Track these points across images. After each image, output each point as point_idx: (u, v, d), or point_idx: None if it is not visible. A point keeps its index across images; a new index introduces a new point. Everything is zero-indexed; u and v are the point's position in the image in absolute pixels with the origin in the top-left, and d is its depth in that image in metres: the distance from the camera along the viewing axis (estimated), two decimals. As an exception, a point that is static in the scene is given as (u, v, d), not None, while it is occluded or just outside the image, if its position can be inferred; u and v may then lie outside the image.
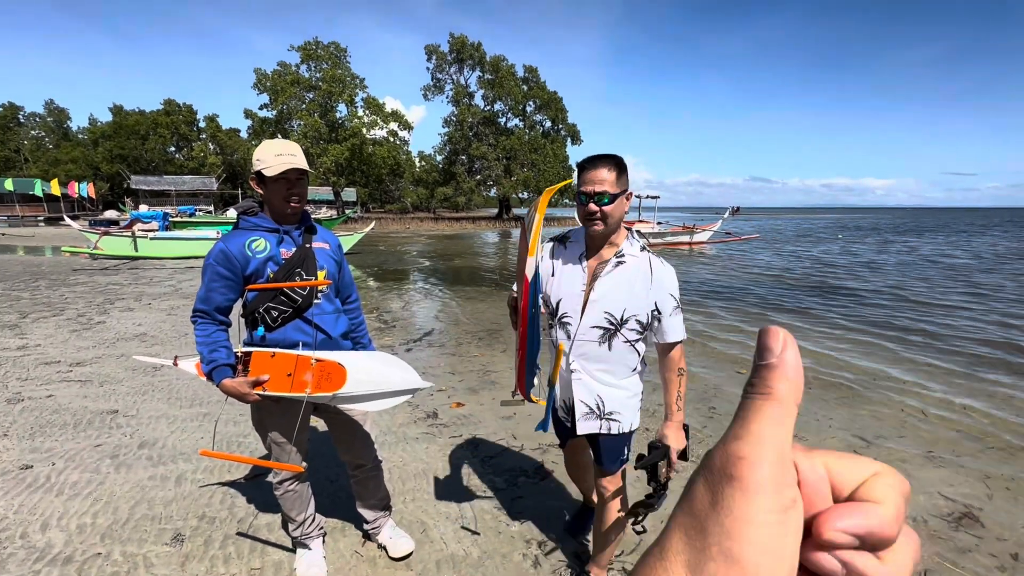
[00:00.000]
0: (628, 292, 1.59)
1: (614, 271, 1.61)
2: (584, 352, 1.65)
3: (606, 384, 1.67)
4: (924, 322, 7.08)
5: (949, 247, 20.90)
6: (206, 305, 1.72)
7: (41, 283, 9.71)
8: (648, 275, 1.60)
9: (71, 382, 4.18)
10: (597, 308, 1.60)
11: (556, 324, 1.69)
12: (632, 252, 1.63)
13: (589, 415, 1.68)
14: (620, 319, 1.60)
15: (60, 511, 2.39)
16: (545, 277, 1.71)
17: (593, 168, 1.53)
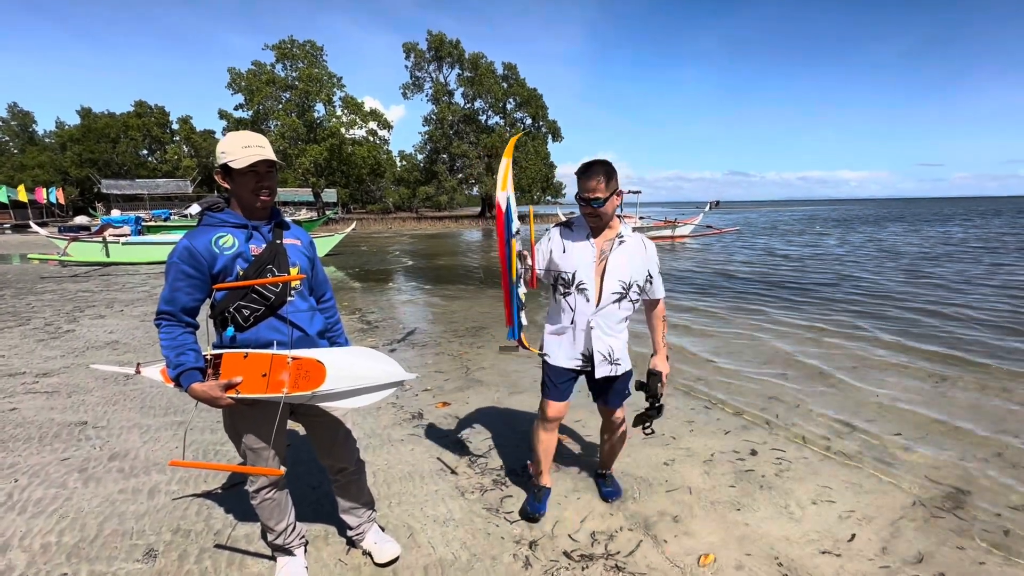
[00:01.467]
0: (632, 264, 2.10)
1: (620, 248, 2.10)
2: (605, 312, 2.10)
3: (613, 336, 2.15)
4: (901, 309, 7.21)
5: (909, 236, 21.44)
6: (171, 306, 1.61)
7: (6, 292, 9.33)
8: (643, 249, 2.14)
9: (37, 394, 3.99)
10: (613, 278, 2.07)
11: (574, 291, 2.10)
12: (628, 234, 2.14)
13: (604, 362, 2.14)
14: (628, 284, 2.10)
15: (23, 530, 2.26)
16: (556, 254, 2.13)
17: (587, 179, 1.98)
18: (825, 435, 3.31)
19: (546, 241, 2.17)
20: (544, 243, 2.17)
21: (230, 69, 37.38)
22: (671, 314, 7.17)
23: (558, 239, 2.14)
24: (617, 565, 2.04)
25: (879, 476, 2.78)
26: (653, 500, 2.52)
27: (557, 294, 2.18)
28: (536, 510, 2.34)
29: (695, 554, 2.11)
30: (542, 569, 2.02)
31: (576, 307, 2.11)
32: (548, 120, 45.38)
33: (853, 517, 2.38)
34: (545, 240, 2.18)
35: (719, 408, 3.77)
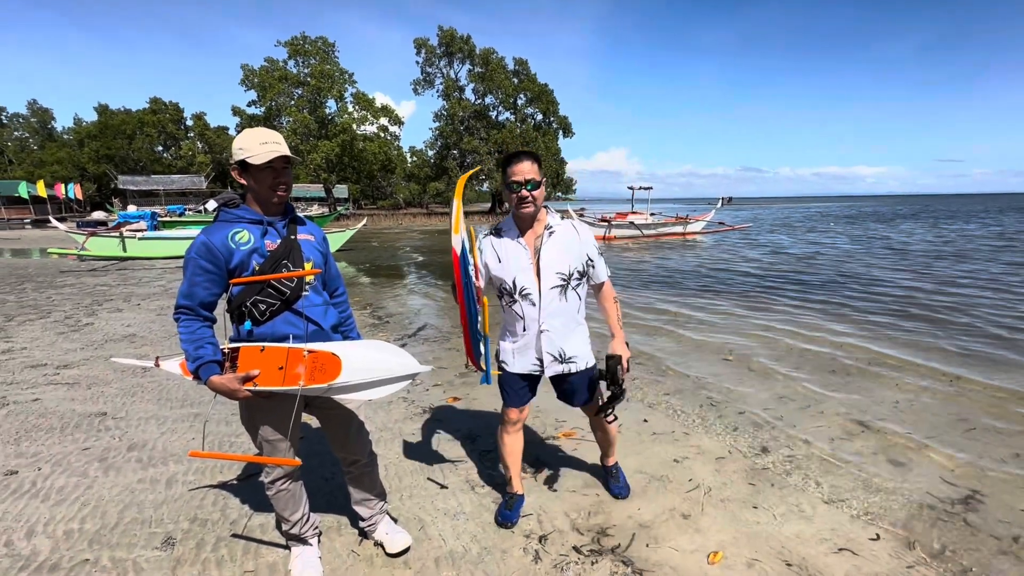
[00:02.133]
0: (567, 252, 2.03)
1: (550, 240, 2.03)
2: (551, 311, 2.05)
3: (568, 335, 2.11)
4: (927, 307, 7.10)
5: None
6: (189, 300, 1.65)
7: (27, 286, 9.54)
8: (575, 235, 2.07)
9: (58, 385, 4.09)
10: (550, 272, 2.02)
11: (519, 299, 2.06)
12: (557, 222, 2.07)
13: (554, 362, 2.11)
14: (568, 274, 2.04)
15: (46, 517, 2.32)
16: (492, 265, 2.09)
17: (519, 162, 1.94)
18: (838, 434, 3.28)
19: (479, 255, 2.09)
20: (478, 258, 2.08)
21: (243, 65, 37.72)
22: (682, 310, 7.13)
23: (491, 250, 2.09)
24: (625, 560, 2.05)
25: (892, 476, 2.76)
26: (663, 497, 2.52)
27: (503, 304, 2.16)
28: (507, 519, 2.28)
29: (705, 551, 2.11)
30: (551, 563, 2.04)
31: (525, 314, 2.07)
32: (559, 116, 45.17)
33: (865, 517, 2.37)
34: (478, 255, 2.09)
35: (729, 405, 3.75)
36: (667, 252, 15.88)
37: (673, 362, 4.82)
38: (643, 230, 21.25)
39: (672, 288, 9.29)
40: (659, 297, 8.38)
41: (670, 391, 4.05)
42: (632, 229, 21.00)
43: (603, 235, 20.23)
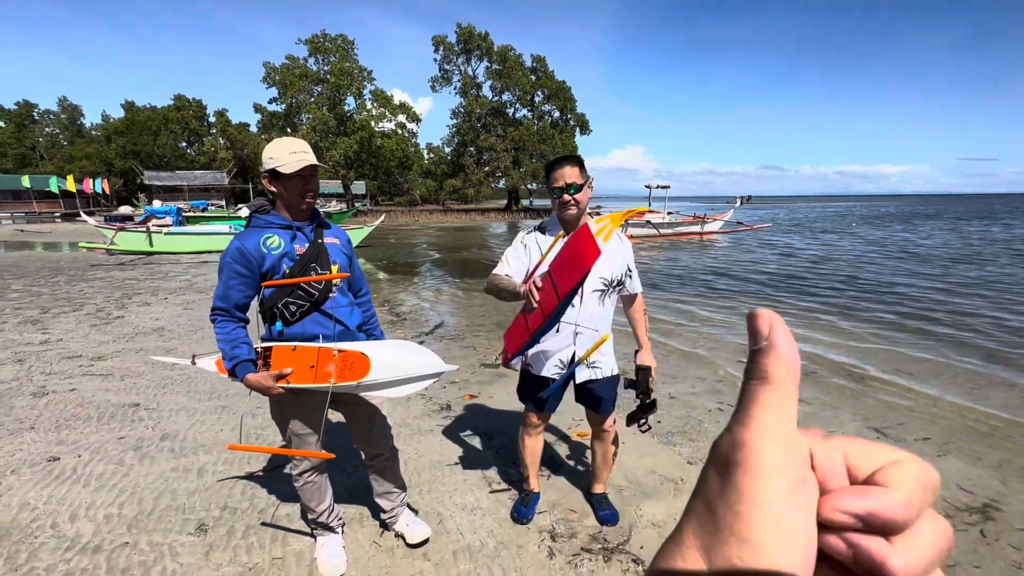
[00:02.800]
0: (611, 259, 2.04)
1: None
2: (589, 313, 2.05)
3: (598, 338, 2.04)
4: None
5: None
6: (225, 303, 1.74)
7: (60, 279, 9.90)
8: (620, 244, 2.10)
9: (93, 376, 4.28)
10: (594, 276, 2.01)
11: None
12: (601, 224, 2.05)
13: (583, 366, 2.10)
14: (610, 280, 2.06)
15: (88, 502, 2.46)
16: (536, 261, 2.05)
17: (561, 167, 1.97)
18: (854, 434, 3.27)
19: (522, 249, 2.09)
20: (519, 252, 2.09)
21: (265, 63, 38.30)
22: (696, 309, 7.11)
23: (535, 246, 2.08)
24: (636, 559, 2.11)
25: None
26: (676, 498, 2.57)
27: None
28: (523, 516, 2.35)
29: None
30: (565, 560, 2.10)
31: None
32: (576, 113, 44.98)
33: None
34: (520, 248, 2.10)
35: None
36: (683, 252, 15.76)
37: (687, 363, 4.83)
38: (660, 229, 21.11)
39: (687, 288, 9.25)
40: (674, 297, 8.36)
41: (684, 392, 4.08)
42: (649, 228, 20.87)
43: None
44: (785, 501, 0.20)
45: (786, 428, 0.21)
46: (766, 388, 0.22)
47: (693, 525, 0.22)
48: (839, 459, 0.22)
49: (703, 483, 0.22)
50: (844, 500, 0.20)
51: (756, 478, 0.20)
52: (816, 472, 0.22)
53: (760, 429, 0.21)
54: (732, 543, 0.20)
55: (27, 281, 9.54)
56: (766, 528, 0.19)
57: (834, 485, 0.22)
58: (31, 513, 2.37)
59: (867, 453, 0.22)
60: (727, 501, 0.20)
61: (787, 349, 0.22)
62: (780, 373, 0.22)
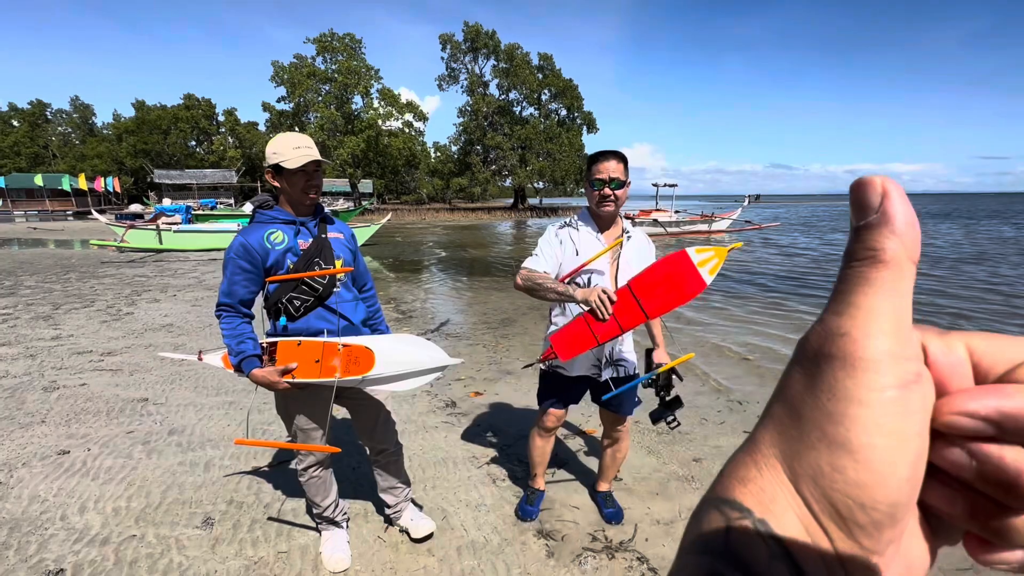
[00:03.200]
0: (641, 258, 2.04)
1: (629, 244, 2.04)
2: None
3: (625, 339, 2.10)
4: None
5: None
6: (230, 299, 1.75)
7: (72, 275, 10.02)
8: (647, 244, 2.11)
9: (103, 371, 4.33)
10: (626, 275, 1.96)
11: None
12: (631, 229, 2.09)
13: (607, 365, 2.10)
14: None
15: (96, 495, 2.49)
16: (568, 256, 2.02)
17: (605, 160, 1.93)
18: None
19: (556, 243, 2.03)
20: (554, 245, 2.03)
21: (274, 62, 38.55)
22: (702, 309, 7.07)
23: (569, 242, 2.02)
24: (641, 557, 2.10)
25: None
26: (683, 496, 2.55)
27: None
28: (528, 514, 2.33)
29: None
30: (570, 557, 2.09)
31: None
32: (583, 111, 44.87)
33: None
34: (555, 241, 2.03)
35: (751, 407, 3.73)
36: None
37: (693, 362, 4.80)
38: (667, 228, 21.00)
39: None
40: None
41: (690, 391, 4.05)
42: (656, 227, 20.78)
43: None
44: (894, 399, 0.16)
45: (900, 315, 0.17)
46: (875, 269, 0.18)
47: (771, 431, 0.18)
48: (962, 355, 0.18)
49: (783, 385, 0.19)
50: (970, 400, 0.17)
51: (859, 371, 0.17)
52: (932, 370, 0.18)
53: (867, 318, 0.17)
54: (822, 449, 0.17)
55: (40, 278, 9.67)
56: (868, 430, 0.16)
57: (956, 386, 0.18)
58: (41, 505, 2.40)
59: (1001, 347, 0.18)
60: (817, 400, 0.17)
61: (906, 221, 0.18)
62: (895, 250, 0.17)
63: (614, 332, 1.81)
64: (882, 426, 0.16)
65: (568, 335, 1.89)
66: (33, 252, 14.84)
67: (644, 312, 1.77)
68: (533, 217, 39.53)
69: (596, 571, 2.02)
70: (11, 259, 12.92)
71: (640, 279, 1.77)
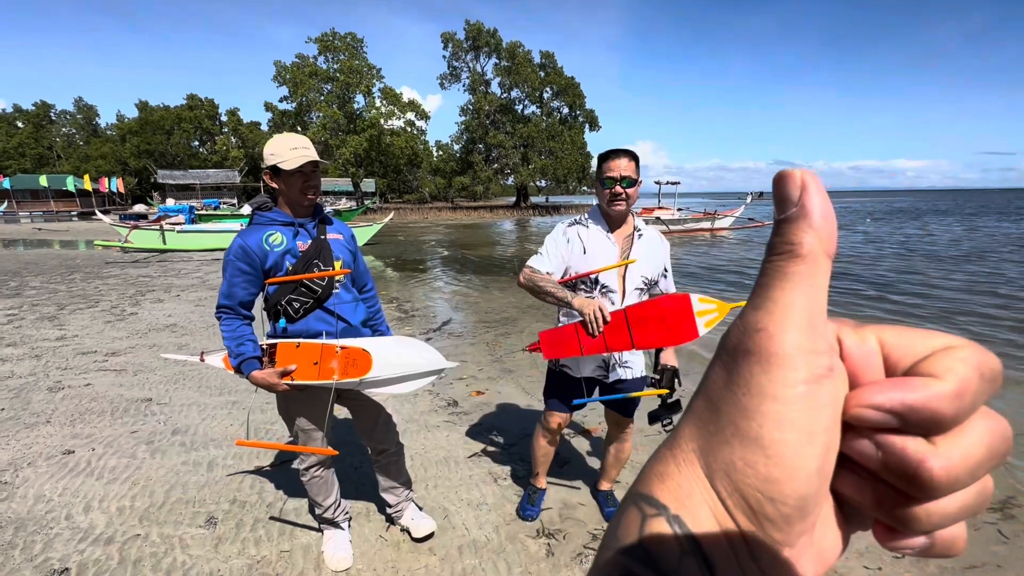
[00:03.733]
0: (653, 258, 2.02)
1: (639, 242, 2.00)
2: None
3: None
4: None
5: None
6: (229, 300, 1.76)
7: (76, 276, 10.08)
8: (659, 243, 2.07)
9: (107, 371, 4.35)
10: (636, 274, 1.98)
11: (597, 295, 1.99)
12: (643, 227, 2.06)
13: (616, 366, 2.08)
14: (650, 280, 2.02)
15: (101, 494, 2.51)
16: (576, 255, 2.00)
17: (617, 158, 1.90)
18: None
19: (564, 242, 2.00)
20: (560, 244, 2.01)
21: (276, 62, 38.61)
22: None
23: (577, 240, 2.00)
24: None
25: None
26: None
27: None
28: (530, 514, 2.33)
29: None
30: (571, 555, 2.10)
31: None
32: (585, 109, 44.79)
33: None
34: (562, 240, 2.01)
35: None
36: (693, 248, 15.64)
37: (696, 359, 4.80)
38: (670, 226, 20.97)
39: (697, 283, 9.18)
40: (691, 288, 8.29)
41: (689, 390, 4.05)
42: (658, 225, 20.75)
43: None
44: (804, 395, 0.17)
45: (812, 308, 0.17)
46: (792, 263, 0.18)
47: (691, 426, 0.19)
48: (874, 347, 0.18)
49: (705, 379, 0.19)
50: (876, 393, 0.17)
51: (772, 366, 0.17)
52: (846, 363, 0.18)
53: (784, 313, 0.17)
54: (736, 444, 0.17)
55: (45, 278, 9.73)
56: (778, 426, 0.16)
57: (868, 379, 0.18)
58: (46, 504, 2.42)
59: (910, 341, 0.18)
60: (734, 396, 0.17)
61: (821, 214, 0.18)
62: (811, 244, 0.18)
63: (599, 348, 1.83)
64: (792, 421, 0.16)
65: (557, 336, 1.92)
66: (38, 253, 14.92)
67: (632, 341, 1.77)
68: (535, 215, 39.49)
69: (597, 570, 2.02)
70: (16, 260, 13.00)
71: (638, 309, 1.77)
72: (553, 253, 2.00)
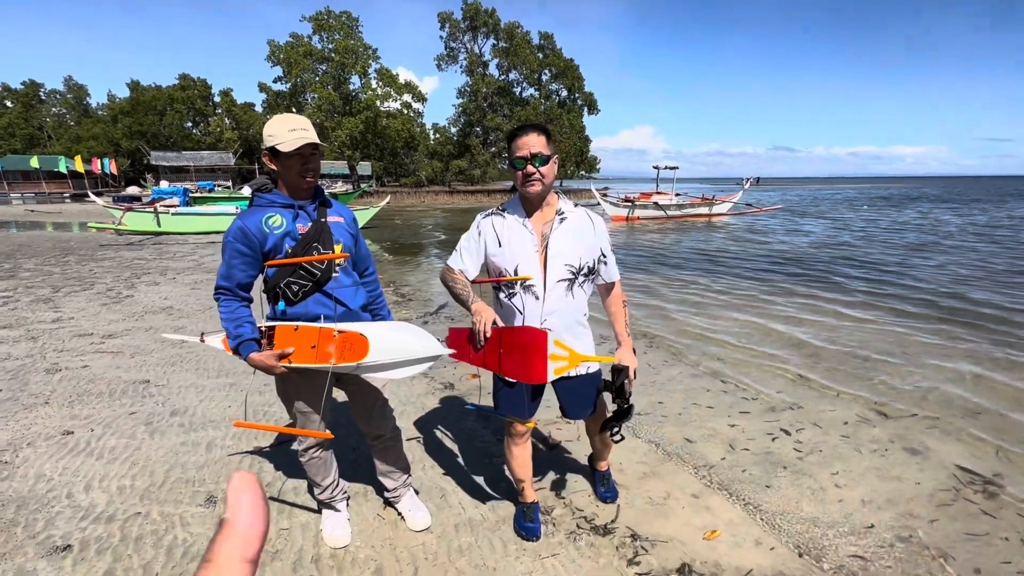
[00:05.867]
0: (579, 242, 1.81)
1: (561, 227, 1.80)
2: (554, 309, 1.81)
3: (572, 335, 1.86)
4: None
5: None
6: (228, 282, 1.76)
7: (71, 258, 10.01)
8: (591, 225, 1.85)
9: (104, 353, 4.36)
10: (558, 263, 1.79)
11: (519, 290, 1.82)
12: (569, 208, 1.84)
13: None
14: (578, 268, 1.82)
15: (101, 474, 2.54)
16: (491, 249, 1.84)
17: (525, 134, 1.72)
18: (854, 419, 3.29)
19: (476, 236, 1.85)
20: (474, 239, 1.85)
21: (270, 41, 37.84)
22: (700, 291, 7.09)
23: (491, 231, 1.83)
24: (635, 535, 2.15)
25: (908, 463, 2.77)
26: (674, 476, 2.60)
27: (500, 295, 1.89)
28: (532, 532, 2.09)
29: (712, 529, 2.19)
30: (564, 533, 2.15)
31: (525, 308, 1.82)
32: (584, 92, 44.27)
33: (877, 502, 2.41)
34: (475, 235, 1.86)
35: (743, 389, 3.78)
36: (691, 234, 15.63)
37: (687, 343, 4.84)
38: (668, 211, 20.91)
39: (692, 270, 9.20)
40: (677, 278, 8.33)
41: (684, 373, 4.09)
42: (656, 210, 20.69)
43: (626, 216, 20.00)
44: None
45: None
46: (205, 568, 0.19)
47: None
48: None
49: None
50: None
51: None
52: None
53: None
54: None
55: (38, 260, 9.66)
56: None
57: None
58: (47, 484, 2.45)
59: None
60: None
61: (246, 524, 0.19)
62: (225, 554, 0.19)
63: (478, 361, 1.80)
64: None
65: (459, 337, 1.90)
66: (31, 235, 14.79)
67: (500, 363, 1.73)
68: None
69: (590, 547, 2.08)
70: (9, 242, 12.89)
71: (508, 334, 1.71)
72: (465, 249, 1.86)
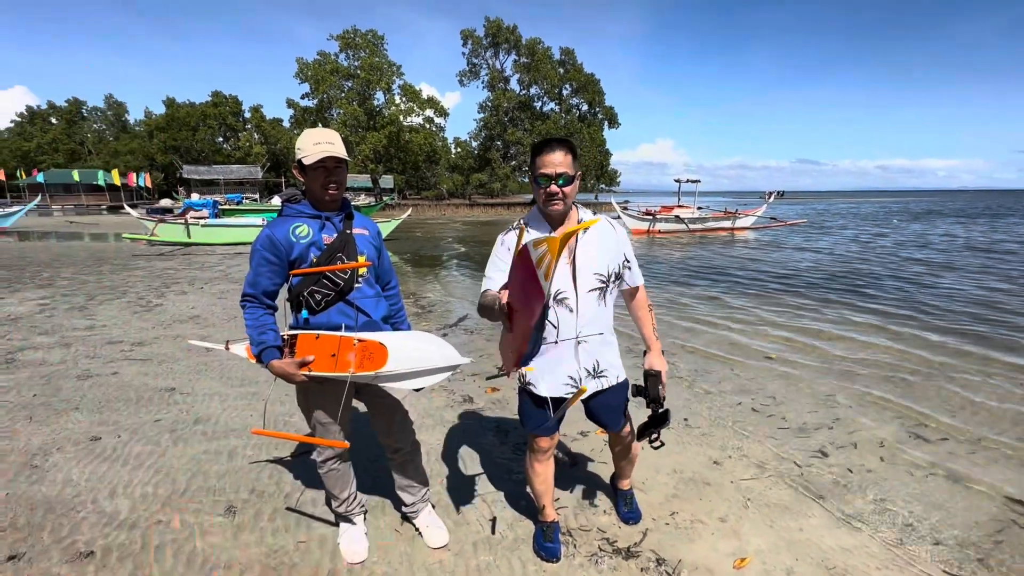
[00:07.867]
0: (604, 250, 1.81)
1: (586, 237, 1.79)
2: (589, 318, 1.80)
3: (603, 345, 1.87)
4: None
5: (1020, 233, 19.29)
6: (254, 289, 1.78)
7: (105, 268, 10.37)
8: (612, 232, 1.86)
9: (133, 360, 4.46)
10: (587, 273, 1.78)
11: (553, 304, 1.79)
12: (590, 218, 1.80)
13: (588, 377, 1.86)
14: (607, 275, 1.81)
15: (126, 480, 2.57)
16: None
17: (550, 151, 1.68)
18: (892, 442, 3.13)
19: (504, 252, 1.81)
20: (502, 254, 1.82)
21: (298, 59, 39.20)
22: (723, 309, 6.93)
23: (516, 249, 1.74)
24: (659, 559, 2.07)
25: (952, 489, 2.62)
26: (700, 499, 2.51)
27: None
28: (552, 553, 2.04)
29: (741, 556, 2.09)
30: (585, 556, 2.08)
31: (560, 322, 1.78)
32: (605, 106, 44.43)
33: (918, 531, 2.27)
34: (502, 250, 1.83)
35: (773, 407, 3.65)
36: (713, 248, 15.39)
37: (713, 361, 4.72)
38: (689, 225, 20.68)
39: (715, 285, 9.03)
40: (700, 293, 8.18)
41: (711, 391, 3.98)
42: (677, 223, 20.47)
43: (647, 229, 19.84)
44: None
45: None
46: None
47: None
48: None
49: None
50: None
51: None
52: None
53: None
54: None
55: (75, 270, 10.03)
56: None
57: None
58: (74, 489, 2.49)
59: None
60: None
61: None
62: None
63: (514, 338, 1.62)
64: None
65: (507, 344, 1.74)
66: (69, 245, 15.40)
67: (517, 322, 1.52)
68: (553, 213, 39.27)
69: (613, 571, 2.00)
70: (49, 251, 13.44)
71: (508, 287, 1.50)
72: (495, 268, 1.80)
